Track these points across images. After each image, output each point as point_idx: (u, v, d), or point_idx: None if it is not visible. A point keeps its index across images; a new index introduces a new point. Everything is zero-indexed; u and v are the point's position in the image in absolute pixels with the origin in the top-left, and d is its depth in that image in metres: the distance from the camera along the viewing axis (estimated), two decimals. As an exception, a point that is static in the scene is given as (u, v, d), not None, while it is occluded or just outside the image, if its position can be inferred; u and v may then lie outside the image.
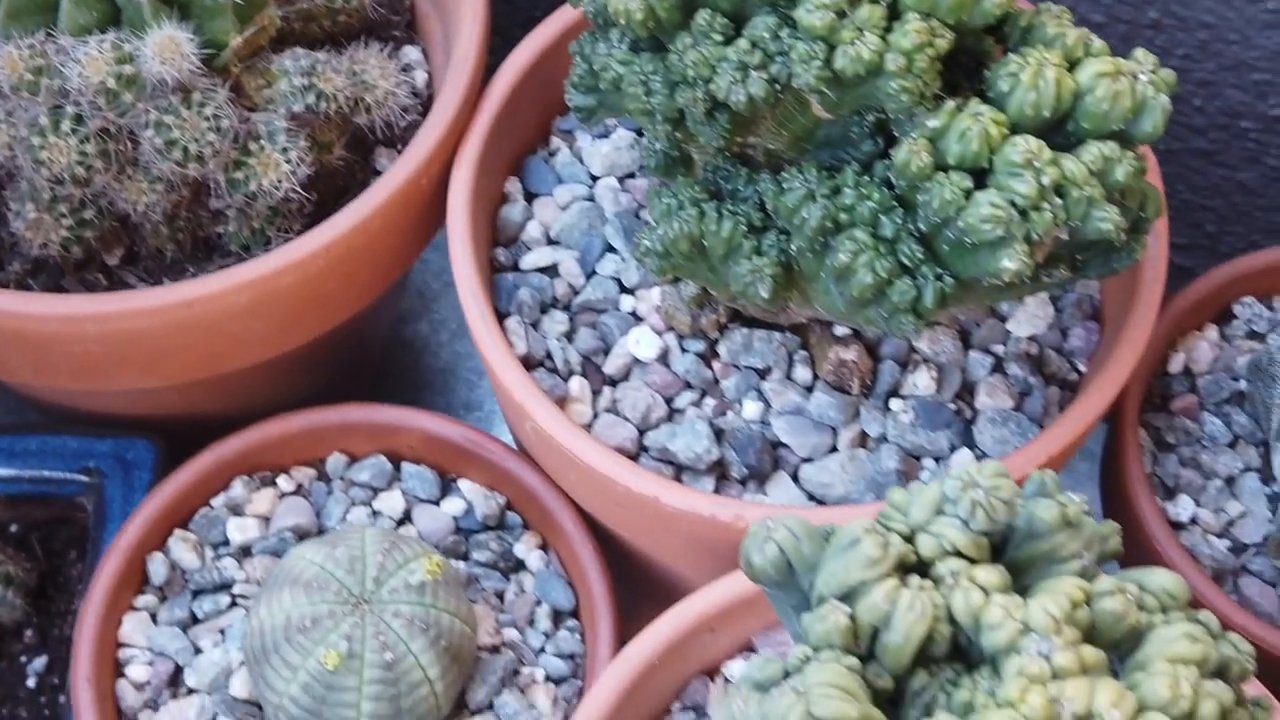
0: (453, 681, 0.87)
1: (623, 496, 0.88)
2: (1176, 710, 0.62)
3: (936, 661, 0.66)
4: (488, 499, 0.98)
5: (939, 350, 0.94)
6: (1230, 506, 0.99)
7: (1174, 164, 1.29)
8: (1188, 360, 1.03)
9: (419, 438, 0.99)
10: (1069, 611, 0.63)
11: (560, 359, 0.94)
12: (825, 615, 0.65)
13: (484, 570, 0.96)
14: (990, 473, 0.66)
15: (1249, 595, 0.96)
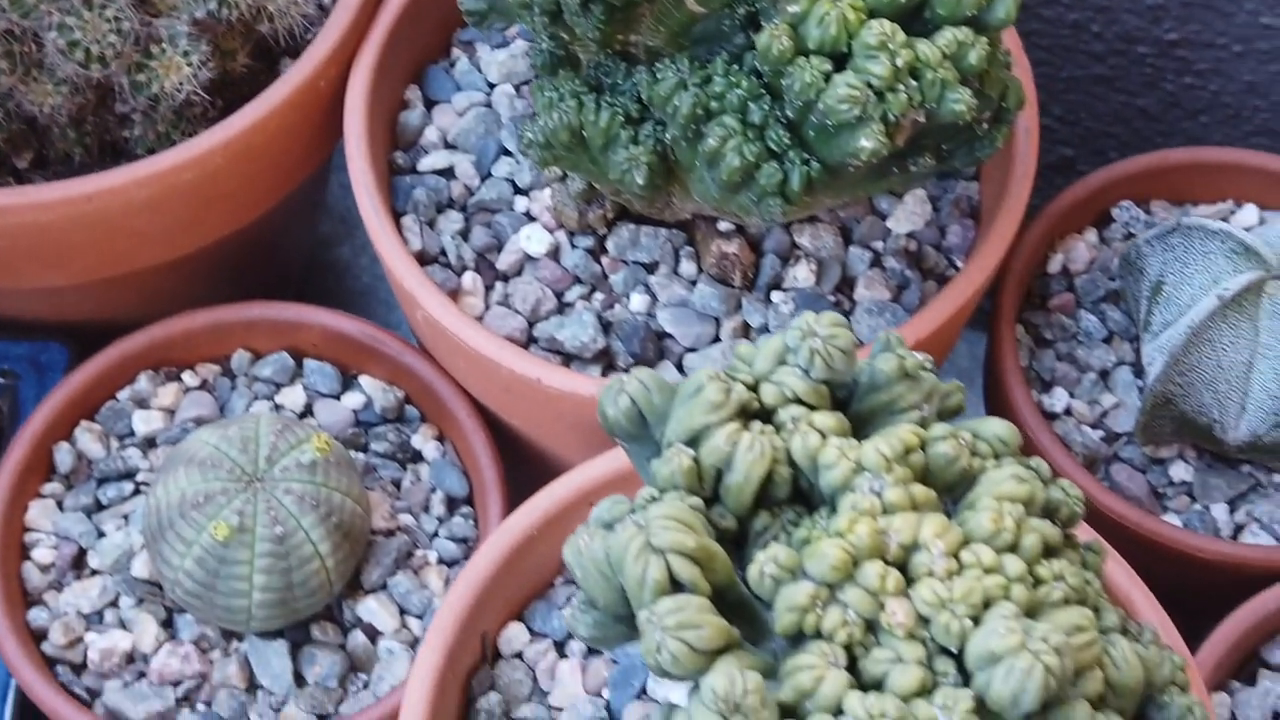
0: (344, 558, 0.90)
1: (508, 381, 0.91)
2: (999, 542, 0.65)
3: (779, 504, 0.68)
4: (386, 393, 1.01)
5: (820, 246, 0.96)
6: (1104, 399, 1.02)
7: (1077, 92, 1.31)
8: (1066, 261, 1.06)
9: (320, 334, 1.01)
10: (901, 452, 0.66)
11: (454, 255, 0.97)
12: (670, 458, 0.67)
13: (382, 461, 0.99)
14: (828, 322, 0.69)
15: (1119, 480, 0.99)
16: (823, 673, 0.62)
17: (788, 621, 0.64)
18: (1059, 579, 0.65)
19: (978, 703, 0.61)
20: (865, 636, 0.63)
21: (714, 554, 0.65)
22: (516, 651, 0.86)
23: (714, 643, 0.62)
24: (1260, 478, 0.99)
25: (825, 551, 0.63)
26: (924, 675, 0.62)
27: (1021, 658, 0.60)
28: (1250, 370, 0.93)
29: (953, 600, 0.62)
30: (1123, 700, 0.65)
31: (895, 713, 0.61)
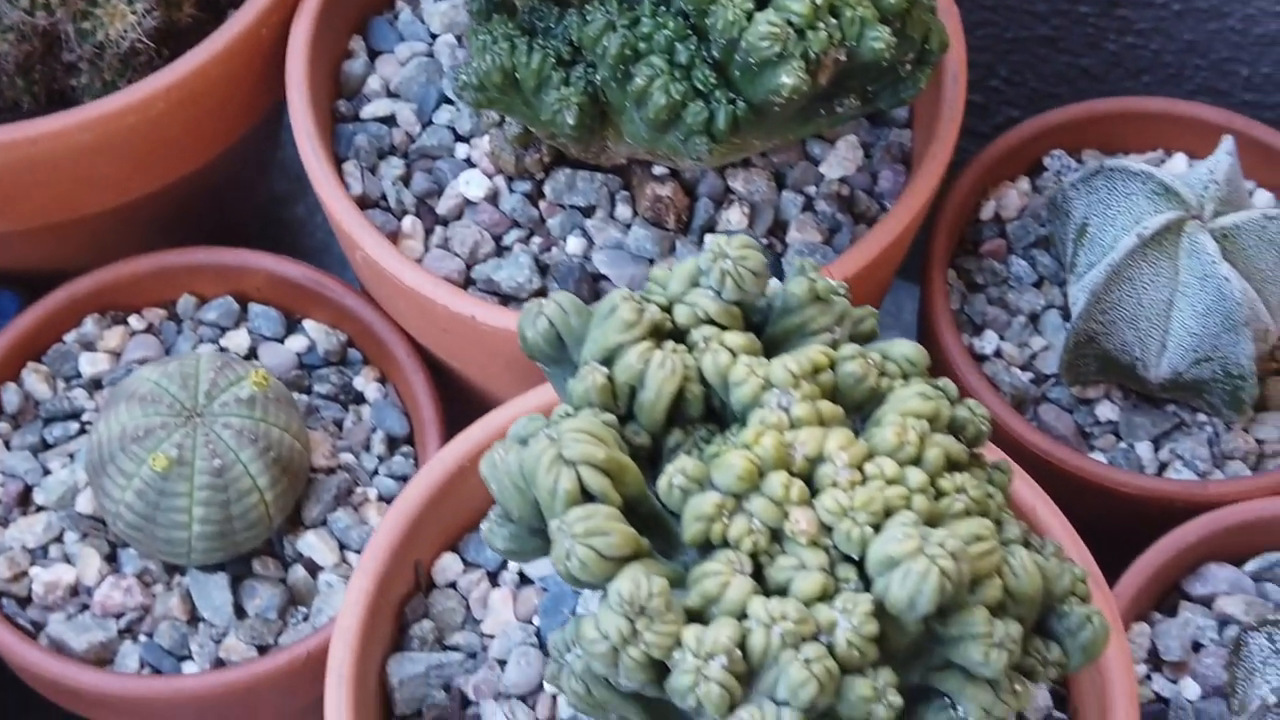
0: (283, 492, 0.91)
1: (445, 320, 0.92)
2: (902, 455, 0.66)
3: (691, 422, 0.70)
4: (329, 336, 1.02)
5: (753, 190, 0.98)
6: (1033, 341, 1.03)
7: (1022, 52, 1.33)
8: (998, 208, 1.08)
9: (265, 279, 1.03)
10: (809, 370, 0.68)
11: (394, 200, 0.98)
12: (584, 376, 0.69)
13: (324, 402, 1.00)
14: (738, 245, 0.70)
15: (1047, 420, 1.01)
16: (728, 579, 0.64)
17: (695, 531, 0.65)
18: (960, 491, 0.67)
19: (877, 606, 0.63)
20: (770, 545, 0.65)
21: (625, 467, 0.66)
22: (450, 581, 0.88)
23: (622, 550, 0.64)
24: (1184, 417, 1.01)
25: (731, 462, 0.65)
26: (826, 581, 0.63)
27: (918, 562, 0.62)
28: (1170, 308, 0.94)
29: (854, 509, 0.64)
30: (1022, 608, 0.66)
31: (796, 615, 0.62)
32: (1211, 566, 0.94)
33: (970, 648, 0.64)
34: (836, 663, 0.62)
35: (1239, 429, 0.99)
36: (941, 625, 0.65)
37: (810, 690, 0.61)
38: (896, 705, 0.63)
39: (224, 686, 0.89)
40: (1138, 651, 0.92)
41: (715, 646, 0.62)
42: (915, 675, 0.67)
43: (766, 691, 0.62)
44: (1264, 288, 0.94)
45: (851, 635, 0.62)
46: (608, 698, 0.67)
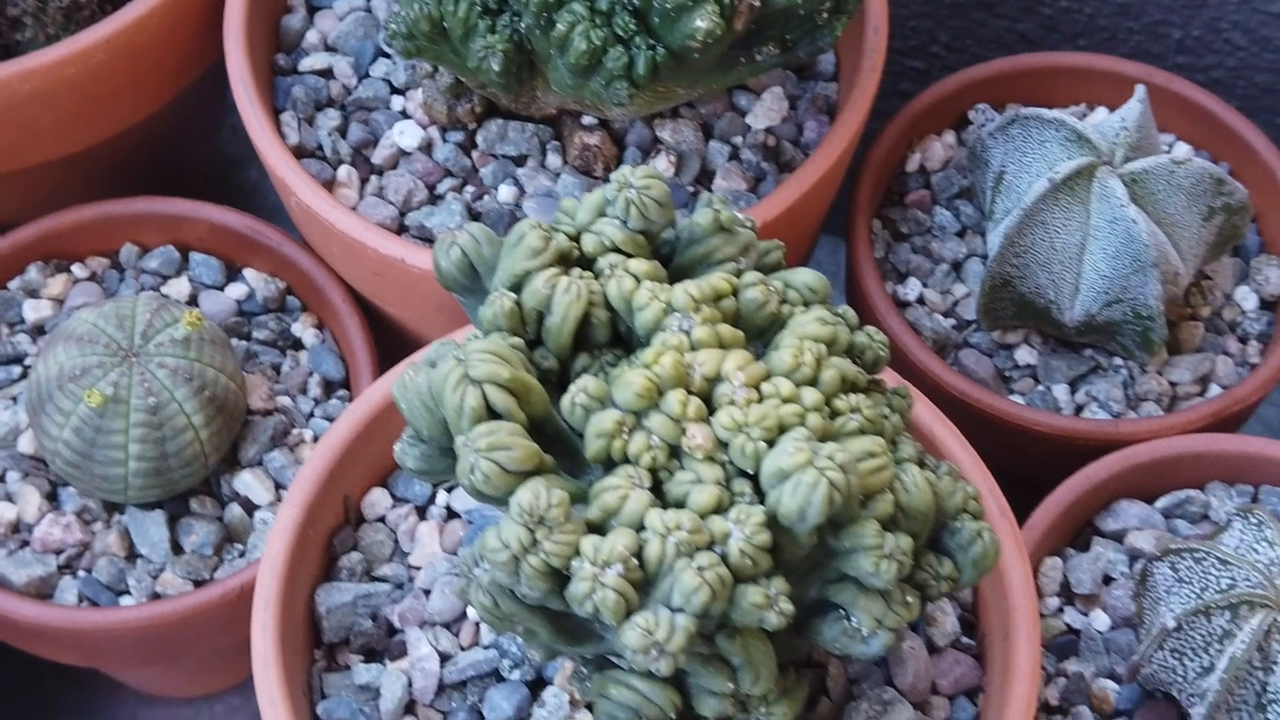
0: (218, 431, 0.93)
1: (376, 263, 0.94)
2: (799, 376, 0.68)
3: (598, 347, 0.72)
4: (269, 284, 1.04)
5: (680, 140, 1.00)
6: (956, 289, 1.05)
7: (961, 18, 1.35)
8: (923, 160, 1.10)
9: (205, 228, 1.05)
10: (710, 295, 0.70)
11: (330, 150, 1.00)
12: (493, 301, 0.71)
13: (263, 347, 1.02)
14: (642, 175, 0.72)
15: (967, 364, 1.03)
16: (627, 492, 0.66)
17: (597, 448, 0.67)
18: (855, 411, 0.69)
19: (769, 518, 0.65)
20: (669, 461, 0.67)
21: (530, 387, 0.68)
22: (379, 515, 0.89)
23: (524, 464, 0.66)
24: (1101, 360, 1.03)
25: (631, 381, 0.67)
26: (721, 494, 0.65)
27: (808, 474, 0.64)
28: (1083, 252, 0.96)
29: (749, 425, 0.66)
30: (913, 523, 0.68)
31: (691, 525, 0.64)
32: (1123, 503, 0.96)
33: (862, 559, 0.66)
34: (730, 571, 0.64)
35: (1153, 372, 1.01)
36: (834, 538, 0.67)
37: (703, 596, 0.63)
38: (788, 612, 0.65)
39: (159, 618, 0.91)
40: (1051, 585, 0.94)
41: (612, 555, 0.64)
42: (812, 589, 0.69)
43: (662, 599, 0.64)
44: (1173, 232, 0.96)
45: (744, 545, 0.64)
46: (514, 610, 0.68)
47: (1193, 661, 0.85)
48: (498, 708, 0.81)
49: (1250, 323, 1.04)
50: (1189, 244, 0.97)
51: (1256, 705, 0.84)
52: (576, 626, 0.70)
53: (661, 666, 0.63)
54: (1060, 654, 0.92)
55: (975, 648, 0.85)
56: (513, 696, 0.81)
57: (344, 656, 0.85)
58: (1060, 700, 0.90)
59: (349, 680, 0.84)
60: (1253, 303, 1.05)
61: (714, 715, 0.68)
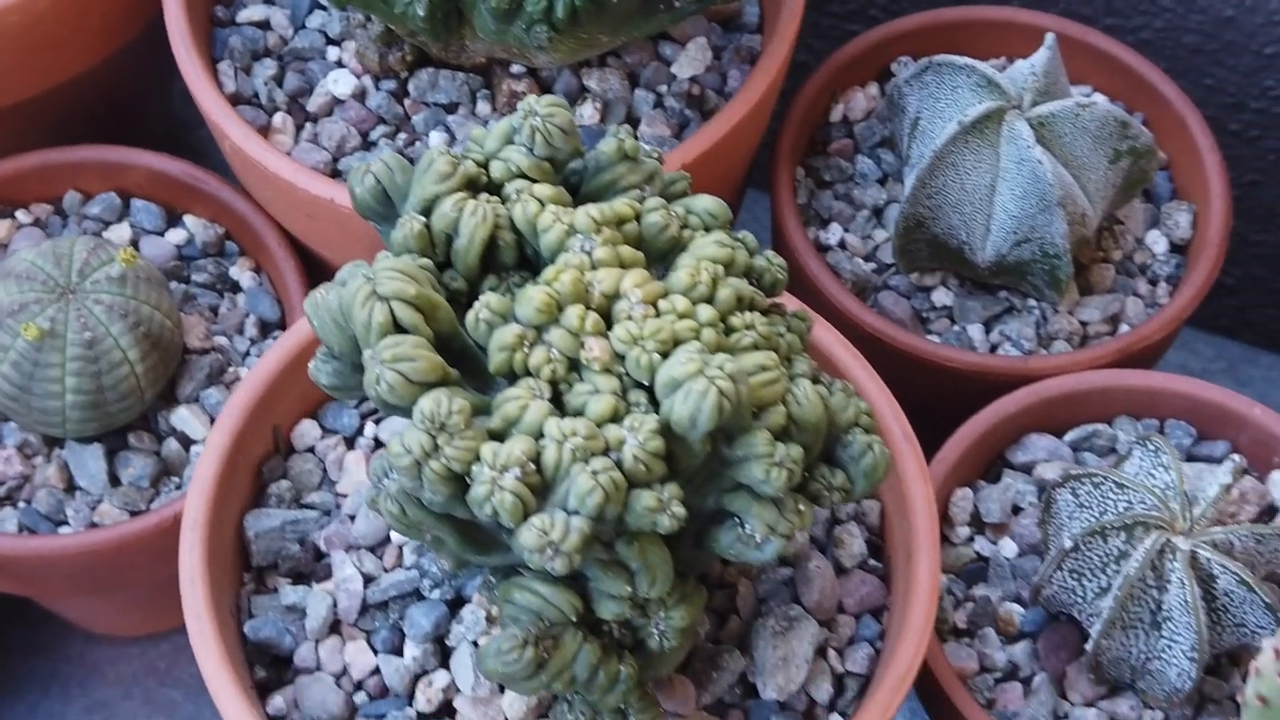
0: (153, 366, 0.95)
1: (308, 204, 0.96)
2: (695, 294, 0.70)
3: (506, 269, 0.74)
4: (208, 229, 1.06)
5: (607, 88, 1.02)
6: (877, 234, 1.08)
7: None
8: (846, 111, 1.13)
9: (146, 175, 1.07)
10: (611, 218, 0.72)
11: (266, 98, 1.02)
12: (402, 224, 0.73)
13: (201, 290, 1.04)
14: (547, 103, 0.74)
15: (886, 305, 1.05)
16: (527, 402, 0.68)
17: (499, 361, 0.69)
18: (750, 328, 0.71)
19: (663, 426, 0.67)
20: (568, 374, 0.69)
21: (437, 304, 0.70)
22: (308, 446, 0.92)
23: (428, 375, 0.68)
24: (1014, 301, 1.05)
25: (532, 296, 0.69)
26: (617, 404, 0.68)
27: (698, 382, 0.66)
28: (993, 193, 0.99)
29: (644, 338, 0.68)
30: (805, 435, 0.71)
31: (586, 432, 0.66)
32: (1033, 436, 0.98)
33: (754, 467, 0.68)
34: (624, 476, 0.66)
35: (1064, 312, 1.04)
36: (728, 448, 0.69)
37: (596, 498, 0.65)
38: (680, 515, 0.67)
39: (95, 546, 0.93)
40: (961, 515, 0.96)
41: (510, 459, 0.66)
42: (710, 499, 0.71)
43: (559, 503, 0.66)
44: (1081, 174, 0.98)
45: (638, 451, 0.66)
46: (421, 517, 0.71)
47: (1091, 582, 0.88)
48: (417, 624, 0.83)
49: (1160, 265, 1.07)
50: (1096, 186, 0.99)
51: (1151, 624, 0.87)
52: (483, 535, 0.72)
53: (557, 566, 0.65)
54: (969, 580, 0.95)
55: (882, 570, 0.87)
56: (431, 614, 0.83)
57: (272, 580, 0.87)
58: (967, 623, 0.93)
59: (276, 601, 0.86)
60: (1163, 246, 1.08)
61: (613, 617, 0.71)
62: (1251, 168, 1.37)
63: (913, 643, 0.81)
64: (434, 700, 0.82)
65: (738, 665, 0.82)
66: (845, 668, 0.84)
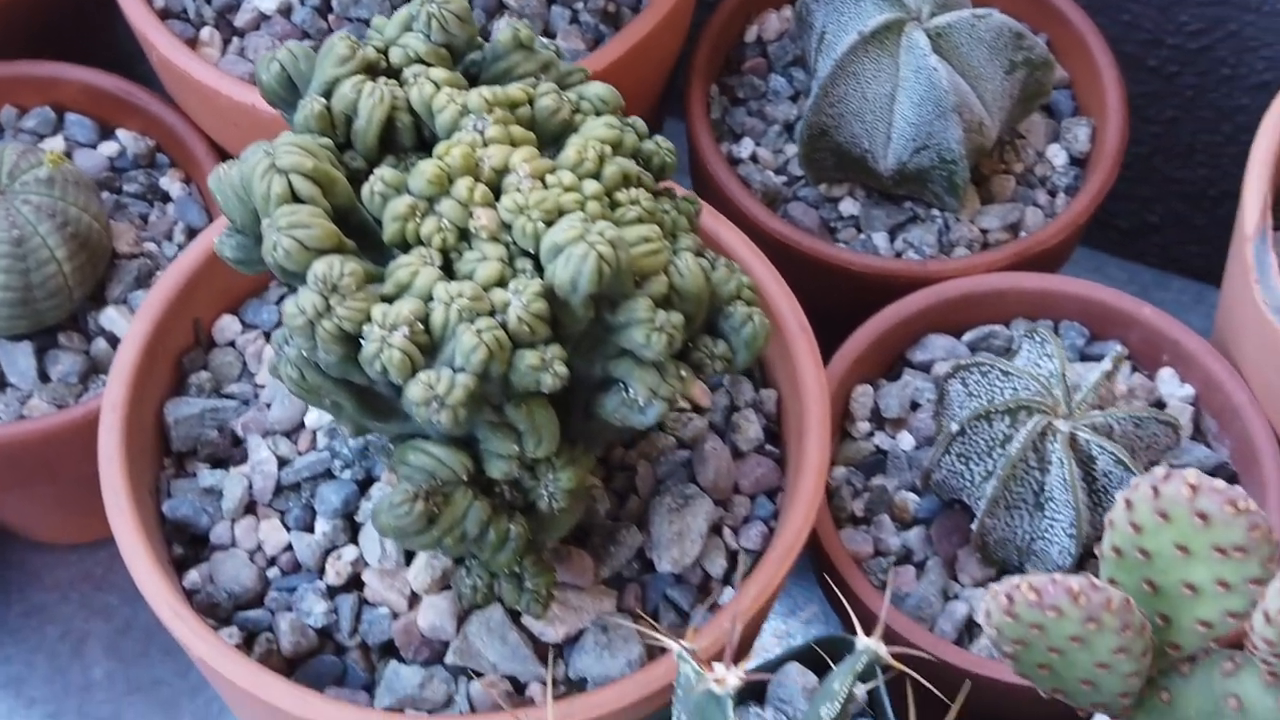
0: (81, 266, 0.97)
1: (231, 111, 0.99)
2: (582, 170, 0.73)
3: (404, 150, 0.76)
4: (139, 141, 1.09)
5: (524, 4, 1.04)
6: (787, 148, 1.11)
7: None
8: (760, 32, 1.15)
9: (79, 89, 1.09)
10: (504, 99, 0.74)
11: (195, 13, 1.05)
12: (304, 105, 0.75)
13: (132, 200, 1.07)
14: (444, -8, 0.77)
15: (795, 215, 1.08)
16: (418, 269, 0.70)
17: (393, 231, 0.72)
18: (635, 204, 0.74)
19: (547, 290, 0.70)
20: (458, 243, 0.72)
21: (335, 179, 0.73)
22: (229, 340, 0.94)
23: (323, 243, 0.70)
24: (919, 212, 1.08)
25: (423, 169, 0.72)
26: (503, 269, 0.70)
27: (579, 247, 0.69)
28: (893, 102, 1.01)
29: (530, 208, 0.71)
30: (687, 304, 0.73)
31: (472, 294, 0.69)
32: (932, 337, 1.01)
33: (635, 332, 0.71)
34: (508, 336, 0.69)
35: (966, 220, 1.07)
36: (611, 314, 0.72)
37: (480, 355, 0.68)
38: (563, 374, 0.70)
39: (23, 437, 0.95)
40: (862, 410, 0.99)
41: (398, 318, 0.68)
42: (596, 367, 0.74)
43: (446, 361, 0.69)
44: (977, 83, 1.01)
45: (522, 312, 0.69)
46: (319, 382, 0.73)
47: (977, 466, 0.91)
48: (327, 501, 0.85)
49: (1059, 177, 1.10)
50: (993, 95, 1.02)
51: (1035, 505, 0.90)
52: (380, 402, 0.75)
53: (442, 419, 0.68)
54: (869, 472, 0.98)
55: (778, 454, 0.90)
56: (341, 492, 0.85)
57: (192, 465, 0.90)
58: (864, 512, 0.96)
59: (195, 484, 0.88)
60: (1063, 159, 1.10)
61: (501, 476, 0.73)
62: (1169, 104, 1.40)
63: (800, 515, 0.83)
64: (343, 573, 0.84)
65: (635, 541, 0.85)
66: (740, 544, 0.86)
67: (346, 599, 0.84)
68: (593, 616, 0.83)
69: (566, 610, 0.83)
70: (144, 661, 1.14)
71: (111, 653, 1.14)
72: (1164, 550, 0.67)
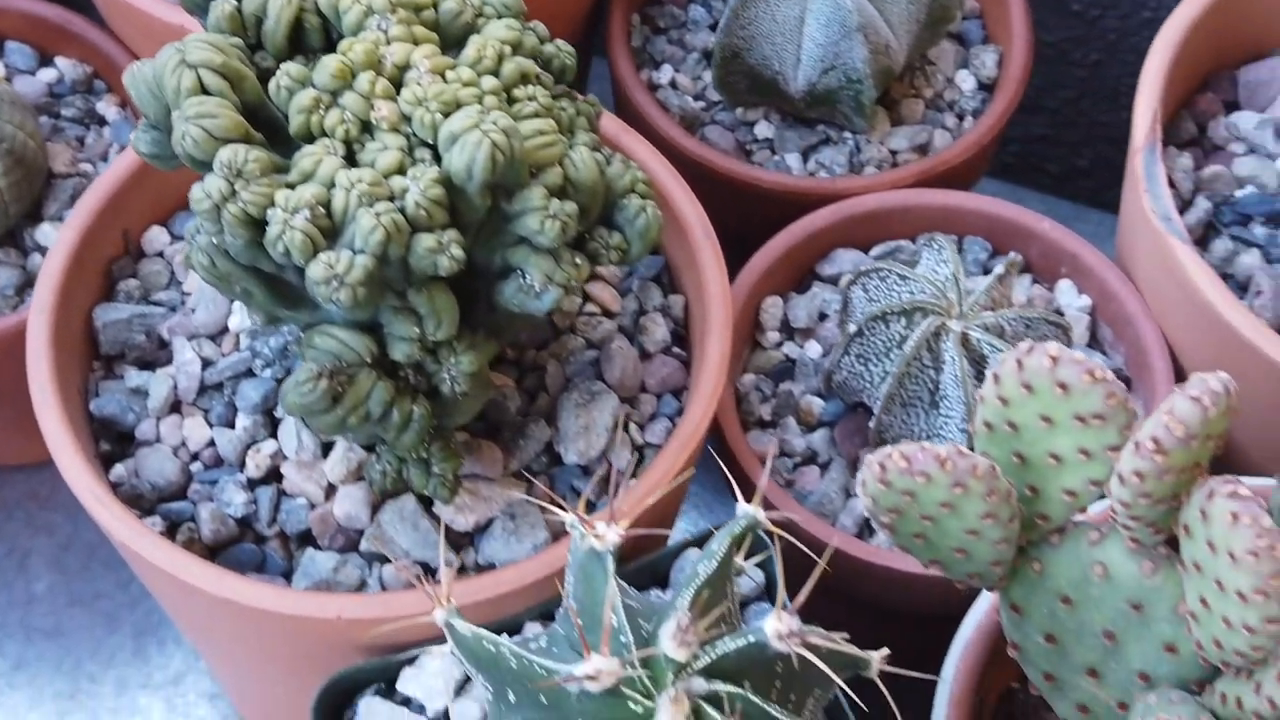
0: (17, 183, 1.00)
1: (163, 33, 1.01)
2: (481, 67, 0.76)
3: (314, 51, 0.79)
4: (77, 68, 1.11)
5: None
6: (705, 75, 1.13)
7: None
8: (681, -37, 1.18)
9: (19, 17, 1.12)
10: (407, 1, 0.77)
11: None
12: (215, 6, 0.78)
13: (70, 124, 1.09)
14: (351, -102, 0.79)
15: (712, 138, 1.11)
16: (321, 157, 0.73)
17: (298, 123, 0.74)
18: (532, 100, 0.76)
19: (444, 178, 0.72)
20: (361, 135, 0.74)
21: (244, 75, 0.75)
22: (158, 250, 0.96)
23: (230, 132, 0.73)
24: (831, 134, 1.11)
25: (327, 63, 0.74)
26: (402, 158, 0.73)
27: (473, 134, 0.71)
28: (802, 24, 1.04)
29: (429, 100, 0.73)
30: (582, 196, 0.76)
31: (371, 180, 0.72)
32: (840, 251, 1.04)
33: (530, 219, 0.74)
34: (407, 220, 0.71)
35: (876, 142, 1.10)
36: (508, 203, 0.74)
37: (378, 237, 0.70)
38: (458, 257, 0.72)
39: (-42, 345, 0.98)
40: (772, 321, 1.02)
41: (300, 202, 0.71)
42: (496, 256, 0.77)
43: (346, 244, 0.72)
44: (884, 6, 1.04)
45: (419, 198, 0.71)
46: (229, 269, 0.76)
47: (876, 366, 0.93)
48: (247, 397, 0.88)
49: (967, 101, 1.12)
50: (899, 18, 1.05)
51: (930, 403, 0.93)
52: (289, 289, 0.77)
53: (342, 297, 0.71)
54: (777, 379, 1.00)
55: (685, 356, 0.93)
56: (261, 388, 0.88)
57: (120, 368, 0.92)
58: (772, 415, 0.99)
59: (122, 385, 0.91)
60: (971, 84, 1.13)
61: (404, 358, 0.76)
62: (1094, 48, 1.42)
63: (700, 407, 0.86)
64: (262, 466, 0.87)
65: (544, 435, 0.88)
66: (645, 439, 0.89)
67: (266, 491, 0.86)
68: (502, 506, 0.85)
69: (477, 500, 0.85)
70: (85, 575, 1.16)
71: (54, 567, 1.17)
72: (1030, 422, 0.70)
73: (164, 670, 1.13)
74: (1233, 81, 1.05)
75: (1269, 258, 0.96)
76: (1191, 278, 0.92)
